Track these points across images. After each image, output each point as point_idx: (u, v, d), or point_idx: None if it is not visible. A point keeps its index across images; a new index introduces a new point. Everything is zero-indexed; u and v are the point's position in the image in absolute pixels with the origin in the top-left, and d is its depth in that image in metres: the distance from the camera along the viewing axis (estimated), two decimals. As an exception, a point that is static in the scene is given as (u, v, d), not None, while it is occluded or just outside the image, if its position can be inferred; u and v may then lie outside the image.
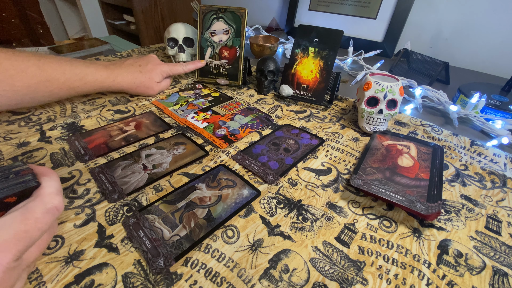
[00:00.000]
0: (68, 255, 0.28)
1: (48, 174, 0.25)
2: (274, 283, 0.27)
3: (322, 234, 0.32)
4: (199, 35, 0.66)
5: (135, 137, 0.47)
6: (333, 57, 0.56)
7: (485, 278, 0.28)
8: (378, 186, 0.35)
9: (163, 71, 0.59)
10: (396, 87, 0.45)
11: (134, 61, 0.57)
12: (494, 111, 0.55)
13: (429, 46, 0.90)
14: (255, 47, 0.85)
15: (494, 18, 0.77)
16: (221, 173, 0.40)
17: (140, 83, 0.56)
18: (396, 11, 0.86)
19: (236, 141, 0.47)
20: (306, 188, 0.38)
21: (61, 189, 0.25)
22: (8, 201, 0.22)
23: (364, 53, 0.83)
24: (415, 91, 0.61)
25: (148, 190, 0.36)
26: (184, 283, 0.26)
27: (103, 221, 0.32)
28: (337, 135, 0.50)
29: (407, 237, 0.32)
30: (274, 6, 1.27)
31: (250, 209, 0.35)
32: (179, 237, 0.30)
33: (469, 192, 0.38)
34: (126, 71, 0.55)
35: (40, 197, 0.23)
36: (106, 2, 1.98)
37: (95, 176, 0.38)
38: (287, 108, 0.59)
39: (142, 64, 0.57)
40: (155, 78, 0.57)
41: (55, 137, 0.46)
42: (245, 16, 0.62)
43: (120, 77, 0.54)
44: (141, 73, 0.56)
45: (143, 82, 0.56)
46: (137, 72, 0.55)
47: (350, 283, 0.27)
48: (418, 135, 0.51)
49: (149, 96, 0.59)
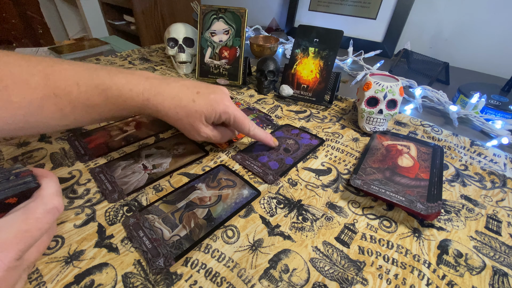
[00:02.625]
0: (68, 255, 0.28)
1: (47, 176, 0.25)
2: (274, 283, 0.27)
3: (322, 234, 0.32)
4: (199, 35, 0.66)
5: (135, 137, 0.47)
6: (333, 57, 0.56)
7: (485, 278, 0.28)
8: (378, 186, 0.35)
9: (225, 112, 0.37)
10: (396, 87, 0.45)
11: (191, 83, 0.38)
12: (494, 111, 0.55)
13: (429, 46, 0.90)
14: (255, 47, 0.85)
15: (494, 18, 0.77)
16: (221, 173, 0.40)
17: (186, 114, 0.36)
18: (396, 11, 0.86)
19: (236, 141, 0.47)
20: (306, 188, 0.38)
21: (60, 190, 0.25)
22: (9, 202, 0.22)
23: (364, 53, 0.83)
24: (415, 91, 0.61)
25: (148, 190, 0.37)
26: (184, 283, 0.26)
27: (103, 221, 0.32)
28: (337, 135, 0.50)
29: (407, 237, 0.32)
30: (274, 7, 1.27)
31: (250, 209, 0.35)
32: (179, 237, 0.30)
33: (469, 192, 0.38)
34: (173, 91, 0.36)
35: (40, 198, 0.23)
36: (106, 3, 1.98)
37: (95, 176, 0.38)
38: (287, 108, 0.59)
39: (201, 92, 0.37)
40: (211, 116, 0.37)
41: (55, 137, 0.46)
42: (245, 16, 0.62)
43: (161, 97, 0.35)
44: (194, 102, 0.36)
45: (191, 115, 0.36)
46: (189, 97, 0.36)
47: (350, 283, 0.27)
48: (418, 135, 0.51)
49: (188, 136, 0.39)
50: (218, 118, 0.37)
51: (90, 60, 0.79)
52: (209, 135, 0.38)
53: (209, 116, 0.36)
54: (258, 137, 0.42)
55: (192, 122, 0.36)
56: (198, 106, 0.36)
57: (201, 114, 0.36)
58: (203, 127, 0.37)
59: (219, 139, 0.40)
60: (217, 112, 0.37)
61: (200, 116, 0.36)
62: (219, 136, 0.40)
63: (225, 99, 0.38)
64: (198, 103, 0.36)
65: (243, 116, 0.39)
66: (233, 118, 0.38)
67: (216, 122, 0.39)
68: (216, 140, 0.40)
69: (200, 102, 0.36)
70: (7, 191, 0.22)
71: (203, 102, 0.36)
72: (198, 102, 0.36)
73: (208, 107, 0.36)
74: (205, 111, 0.36)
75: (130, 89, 0.34)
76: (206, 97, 0.36)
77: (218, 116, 0.37)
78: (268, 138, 0.43)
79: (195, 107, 0.35)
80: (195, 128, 0.37)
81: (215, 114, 0.37)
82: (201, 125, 0.37)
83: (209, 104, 0.36)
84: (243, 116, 0.39)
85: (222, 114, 0.37)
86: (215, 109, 0.36)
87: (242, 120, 0.39)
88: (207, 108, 0.36)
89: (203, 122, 0.37)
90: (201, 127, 0.37)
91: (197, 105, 0.36)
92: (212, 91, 0.37)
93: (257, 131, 0.41)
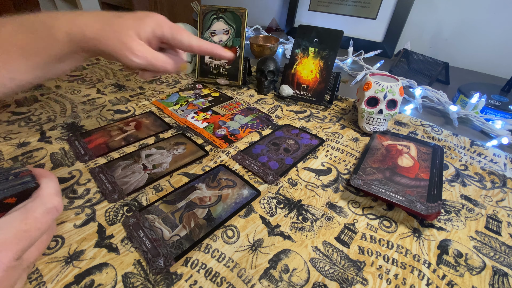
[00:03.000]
0: (68, 255, 0.28)
1: (46, 176, 0.25)
2: (274, 283, 0.27)
3: (322, 234, 0.32)
4: (199, 35, 0.66)
5: (135, 137, 0.47)
6: (333, 57, 0.56)
7: (485, 278, 0.28)
8: (378, 186, 0.35)
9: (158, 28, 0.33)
10: (396, 87, 0.45)
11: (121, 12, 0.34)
12: (494, 111, 0.55)
13: (429, 46, 0.90)
14: (255, 47, 0.85)
15: (494, 18, 0.77)
16: (221, 173, 0.40)
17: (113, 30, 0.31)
18: (396, 11, 0.86)
19: (236, 141, 0.47)
20: (306, 188, 0.38)
21: (59, 190, 0.25)
22: (8, 202, 0.22)
23: (364, 53, 0.83)
24: (415, 91, 0.61)
25: (148, 190, 0.36)
26: (184, 283, 0.26)
27: (103, 221, 0.32)
28: (337, 135, 0.50)
29: (407, 237, 0.32)
30: (274, 7, 1.27)
31: (250, 209, 0.35)
32: (179, 237, 0.30)
33: (469, 192, 0.38)
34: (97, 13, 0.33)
35: (39, 198, 0.23)
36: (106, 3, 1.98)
37: (95, 176, 0.38)
38: (287, 108, 0.59)
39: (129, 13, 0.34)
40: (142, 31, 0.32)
41: (55, 137, 0.46)
42: (245, 16, 0.62)
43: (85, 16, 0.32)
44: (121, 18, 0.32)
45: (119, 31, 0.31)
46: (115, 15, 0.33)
47: (350, 283, 0.27)
48: (418, 135, 0.51)
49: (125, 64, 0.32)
50: (151, 33, 0.33)
51: (90, 60, 0.79)
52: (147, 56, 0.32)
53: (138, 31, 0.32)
54: (204, 49, 0.36)
55: (122, 38, 0.31)
56: (125, 20, 0.32)
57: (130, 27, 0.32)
58: (136, 44, 0.31)
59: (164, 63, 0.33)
60: (147, 25, 0.32)
61: (128, 29, 0.31)
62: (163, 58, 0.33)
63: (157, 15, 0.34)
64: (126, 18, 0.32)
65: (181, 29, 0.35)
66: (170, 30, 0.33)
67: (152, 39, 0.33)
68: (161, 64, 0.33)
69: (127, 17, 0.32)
70: (6, 191, 0.22)
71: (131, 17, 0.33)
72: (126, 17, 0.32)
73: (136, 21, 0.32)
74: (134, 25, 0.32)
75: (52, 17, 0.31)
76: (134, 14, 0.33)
77: (151, 30, 0.33)
78: (218, 50, 0.37)
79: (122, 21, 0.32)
80: (127, 46, 0.31)
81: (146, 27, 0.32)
82: (133, 42, 0.31)
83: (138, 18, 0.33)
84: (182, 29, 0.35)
85: (156, 27, 0.33)
86: (145, 22, 0.32)
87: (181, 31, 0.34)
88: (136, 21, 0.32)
89: (134, 39, 0.31)
90: (134, 44, 0.31)
91: (123, 19, 0.32)
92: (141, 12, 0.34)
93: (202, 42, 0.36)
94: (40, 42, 0.30)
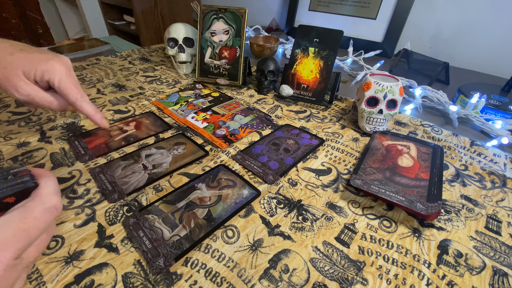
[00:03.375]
0: (68, 255, 0.28)
1: (46, 175, 0.25)
2: (274, 283, 0.27)
3: (322, 234, 0.32)
4: (199, 35, 0.66)
5: (135, 137, 0.47)
6: (333, 57, 0.56)
7: (485, 278, 0.28)
8: (378, 186, 0.35)
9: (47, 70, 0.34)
10: (396, 87, 0.45)
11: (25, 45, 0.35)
12: (494, 111, 0.55)
13: (429, 46, 0.90)
14: (255, 47, 0.85)
15: (494, 18, 0.77)
16: (221, 173, 0.40)
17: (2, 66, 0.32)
18: (396, 11, 0.86)
19: (236, 141, 0.47)
20: (306, 188, 0.38)
21: (59, 189, 0.25)
22: (7, 202, 0.22)
23: (364, 53, 0.83)
24: (415, 91, 0.61)
25: (148, 190, 0.36)
26: (184, 283, 0.26)
27: (103, 221, 0.32)
28: (337, 135, 0.50)
29: (407, 237, 0.32)
30: (274, 7, 1.27)
31: (250, 209, 0.35)
32: (179, 237, 0.30)
33: (469, 192, 0.38)
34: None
35: (38, 197, 0.23)
36: (106, 3, 1.98)
37: (95, 176, 0.38)
38: (287, 108, 0.59)
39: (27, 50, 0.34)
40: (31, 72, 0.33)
41: (55, 137, 0.46)
42: (245, 16, 0.62)
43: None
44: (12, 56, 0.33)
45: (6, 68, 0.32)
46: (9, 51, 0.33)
47: (350, 283, 0.27)
48: (418, 135, 0.51)
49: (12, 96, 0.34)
50: (40, 76, 0.33)
51: (90, 60, 0.79)
52: (31, 94, 0.34)
53: (28, 72, 0.33)
54: (86, 113, 0.38)
55: (8, 75, 0.32)
56: (15, 59, 0.33)
57: (18, 67, 0.32)
58: (21, 83, 0.33)
59: (47, 102, 0.35)
60: (37, 69, 0.33)
61: (17, 69, 0.32)
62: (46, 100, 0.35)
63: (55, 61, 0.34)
64: (17, 57, 0.33)
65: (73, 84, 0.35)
66: (58, 81, 0.34)
67: (40, 82, 0.34)
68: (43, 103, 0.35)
69: (19, 56, 0.33)
70: (5, 190, 0.22)
71: (23, 57, 0.33)
72: (17, 56, 0.33)
73: (27, 62, 0.33)
74: (23, 66, 0.33)
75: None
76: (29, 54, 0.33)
77: (40, 74, 0.33)
78: (96, 117, 0.38)
79: (11, 60, 0.32)
80: (11, 83, 0.33)
81: (35, 71, 0.33)
82: (18, 81, 0.33)
83: (31, 60, 0.33)
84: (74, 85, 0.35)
85: (45, 73, 0.33)
86: (35, 65, 0.33)
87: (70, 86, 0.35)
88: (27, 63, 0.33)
89: (22, 78, 0.33)
90: (19, 83, 0.33)
91: (15, 58, 0.33)
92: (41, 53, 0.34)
93: (85, 105, 0.37)
94: None
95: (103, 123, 0.40)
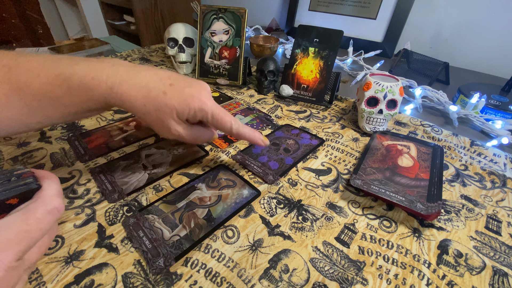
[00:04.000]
0: (68, 255, 0.28)
1: (49, 177, 0.25)
2: (274, 283, 0.27)
3: (322, 234, 0.32)
4: (199, 35, 0.66)
5: (135, 137, 0.47)
6: (333, 57, 0.56)
7: (485, 278, 0.28)
8: (378, 186, 0.35)
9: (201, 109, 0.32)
10: (396, 87, 0.45)
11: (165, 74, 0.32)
12: (494, 111, 0.55)
13: (429, 46, 0.90)
14: (255, 47, 0.85)
15: (494, 18, 0.77)
16: (221, 173, 0.40)
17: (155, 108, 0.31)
18: (396, 11, 0.86)
19: (236, 141, 0.47)
20: (306, 188, 0.38)
21: (61, 191, 0.25)
22: (10, 203, 0.22)
23: (364, 53, 0.83)
24: (415, 91, 0.61)
25: (148, 190, 0.37)
26: (184, 283, 0.26)
27: (103, 221, 0.32)
28: (337, 135, 0.50)
29: (407, 237, 0.32)
30: (274, 7, 1.27)
31: (250, 209, 0.35)
32: (179, 237, 0.30)
33: (469, 192, 0.38)
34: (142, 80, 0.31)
35: (41, 199, 0.23)
36: (106, 3, 1.98)
37: (95, 176, 0.38)
38: (287, 108, 0.59)
39: (175, 84, 0.32)
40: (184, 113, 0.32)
41: (55, 137, 0.46)
42: (245, 16, 0.62)
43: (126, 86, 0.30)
44: (165, 95, 0.31)
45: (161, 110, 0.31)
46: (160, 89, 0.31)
47: (350, 283, 0.27)
48: (418, 135, 0.51)
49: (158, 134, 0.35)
50: (193, 115, 0.32)
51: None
52: (182, 134, 0.33)
53: (182, 112, 0.32)
54: (244, 136, 0.37)
55: (162, 117, 0.31)
56: (169, 99, 0.31)
57: (172, 109, 0.31)
58: (174, 124, 0.32)
59: (193, 139, 0.35)
60: (191, 109, 0.32)
61: (171, 111, 0.31)
62: (194, 136, 0.35)
63: (202, 94, 0.33)
64: (170, 97, 0.31)
65: (223, 113, 0.34)
66: (211, 116, 0.33)
67: (192, 120, 0.33)
68: (191, 140, 0.35)
69: (172, 95, 0.31)
70: (8, 192, 0.22)
71: (175, 95, 0.31)
72: (170, 95, 0.31)
73: (181, 102, 0.31)
74: (177, 106, 0.31)
75: (92, 78, 0.29)
76: (180, 90, 0.32)
77: (193, 113, 0.32)
78: (256, 137, 0.37)
79: (166, 100, 0.31)
80: (165, 125, 0.32)
81: (189, 111, 0.32)
82: (172, 122, 0.32)
83: (183, 98, 0.31)
84: (224, 113, 0.34)
85: (198, 112, 0.32)
86: (189, 104, 0.31)
87: (222, 117, 0.34)
88: (180, 103, 0.31)
89: (174, 119, 0.32)
90: (172, 124, 0.32)
91: (168, 98, 0.31)
92: (188, 85, 0.32)
93: (242, 129, 0.36)
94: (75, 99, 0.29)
95: (264, 142, 0.39)
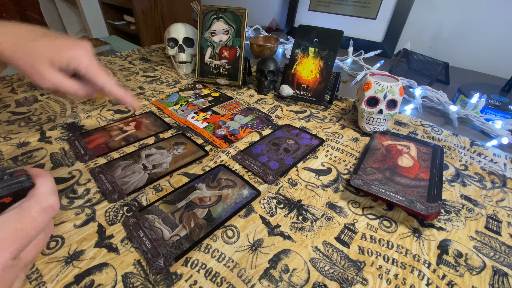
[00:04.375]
0: (68, 255, 0.28)
1: (42, 175, 0.25)
2: (274, 283, 0.27)
3: (322, 234, 0.32)
4: (199, 35, 0.66)
5: (135, 137, 0.47)
6: (333, 57, 0.56)
7: (485, 278, 0.28)
8: (378, 186, 0.35)
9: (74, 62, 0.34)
10: (396, 87, 0.45)
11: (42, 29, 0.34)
12: (494, 111, 0.55)
13: (429, 46, 0.90)
14: (255, 47, 0.85)
15: (494, 18, 0.77)
16: (221, 173, 0.40)
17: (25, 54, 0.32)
18: (396, 11, 0.86)
19: (236, 141, 0.47)
20: (306, 188, 0.38)
21: (55, 189, 0.25)
22: (4, 202, 0.22)
23: (364, 53, 0.83)
24: (415, 91, 0.61)
25: (148, 190, 0.36)
26: (184, 283, 0.26)
27: (103, 221, 0.32)
28: (337, 135, 0.50)
29: (407, 237, 0.32)
30: (274, 7, 1.27)
31: (250, 209, 0.35)
32: (179, 237, 0.30)
33: (469, 192, 0.38)
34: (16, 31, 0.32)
35: (35, 197, 0.23)
36: (106, 3, 1.98)
37: (95, 176, 0.38)
38: (287, 108, 0.59)
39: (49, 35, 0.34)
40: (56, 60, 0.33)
41: (55, 137, 0.46)
42: (245, 16, 0.62)
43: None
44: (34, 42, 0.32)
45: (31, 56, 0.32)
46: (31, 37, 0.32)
47: (350, 283, 0.27)
48: (418, 135, 0.51)
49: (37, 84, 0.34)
50: (66, 64, 0.33)
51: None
52: (57, 83, 0.33)
53: (53, 59, 0.32)
54: (116, 94, 0.37)
55: (33, 63, 0.32)
56: (39, 46, 0.32)
57: (42, 55, 0.32)
58: (48, 72, 0.32)
59: (73, 90, 0.35)
60: (63, 57, 0.32)
61: (40, 57, 0.32)
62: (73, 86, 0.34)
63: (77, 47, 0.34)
64: (40, 44, 0.32)
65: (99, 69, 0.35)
66: (86, 67, 0.34)
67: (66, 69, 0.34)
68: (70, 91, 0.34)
69: (42, 43, 0.32)
70: (1, 190, 0.22)
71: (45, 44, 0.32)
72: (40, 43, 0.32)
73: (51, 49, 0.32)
74: (47, 53, 0.32)
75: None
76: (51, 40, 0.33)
77: (66, 62, 0.33)
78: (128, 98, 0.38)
79: (35, 47, 0.32)
80: (37, 71, 0.32)
81: (61, 59, 0.32)
82: (44, 69, 0.32)
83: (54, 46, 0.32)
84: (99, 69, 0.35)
85: (71, 61, 0.33)
86: (60, 52, 0.32)
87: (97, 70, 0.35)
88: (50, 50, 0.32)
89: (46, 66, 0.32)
90: (44, 72, 0.32)
91: (37, 46, 0.32)
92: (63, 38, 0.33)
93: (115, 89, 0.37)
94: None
95: (135, 104, 0.39)
